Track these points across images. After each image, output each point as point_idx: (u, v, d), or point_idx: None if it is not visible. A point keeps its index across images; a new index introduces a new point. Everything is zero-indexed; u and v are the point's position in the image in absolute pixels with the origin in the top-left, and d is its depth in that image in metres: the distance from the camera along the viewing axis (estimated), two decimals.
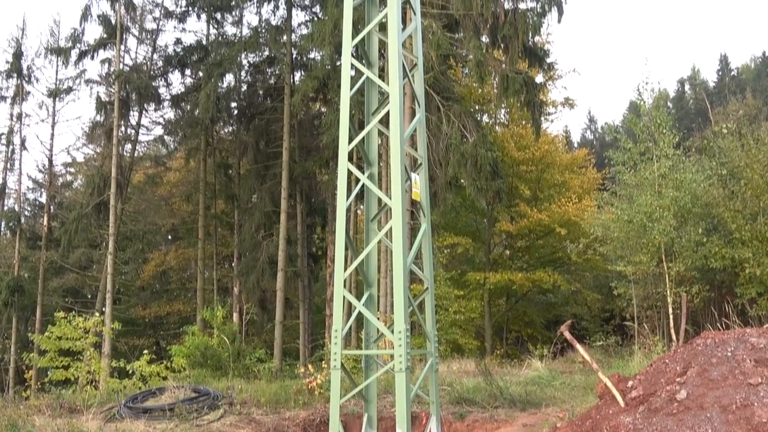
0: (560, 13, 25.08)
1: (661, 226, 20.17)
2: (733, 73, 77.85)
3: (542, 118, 30.59)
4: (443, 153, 25.13)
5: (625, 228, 21.36)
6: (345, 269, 8.63)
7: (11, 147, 38.94)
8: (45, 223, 38.61)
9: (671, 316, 20.37)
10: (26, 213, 44.45)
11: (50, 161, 40.19)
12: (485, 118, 36.38)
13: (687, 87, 79.38)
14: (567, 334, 9.41)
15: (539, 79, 31.77)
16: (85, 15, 34.50)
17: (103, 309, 31.13)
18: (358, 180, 9.11)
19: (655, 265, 21.08)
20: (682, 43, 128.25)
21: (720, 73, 78.45)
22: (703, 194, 21.16)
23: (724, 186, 21.18)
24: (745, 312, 20.28)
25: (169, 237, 47.03)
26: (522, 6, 25.30)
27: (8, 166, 39.35)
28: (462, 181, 26.23)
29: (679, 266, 20.45)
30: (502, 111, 36.41)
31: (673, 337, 19.26)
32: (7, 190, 40.08)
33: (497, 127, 36.23)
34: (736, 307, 19.80)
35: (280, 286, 31.43)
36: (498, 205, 31.05)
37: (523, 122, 34.03)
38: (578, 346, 9.53)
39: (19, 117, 38.66)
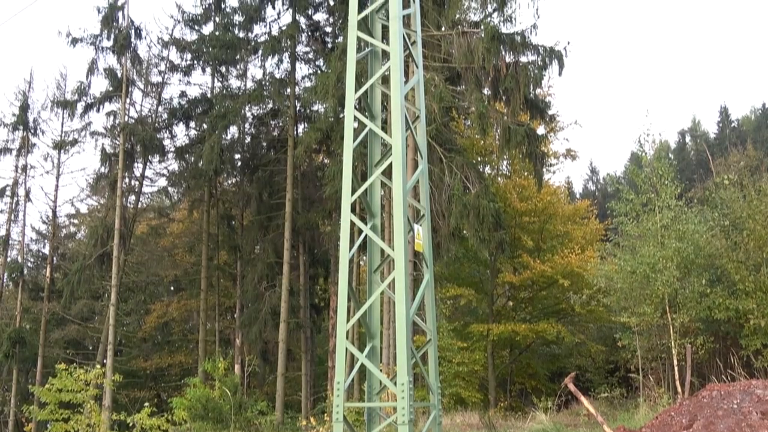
0: (561, 66, 25.30)
1: (664, 277, 20.13)
2: (733, 124, 78.35)
3: (544, 170, 30.63)
4: (446, 204, 25.18)
5: (629, 279, 21.31)
6: (347, 320, 8.60)
7: (15, 198, 39.18)
8: (47, 274, 38.61)
9: (676, 368, 20.21)
10: (29, 264, 44.43)
11: (54, 212, 40.40)
12: (487, 170, 36.51)
13: (688, 138, 79.87)
14: (571, 386, 9.36)
15: (541, 130, 31.97)
16: (92, 68, 34.97)
17: (105, 361, 30.98)
18: (361, 231, 9.14)
19: (659, 316, 20.96)
20: (683, 95, 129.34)
21: (720, 124, 78.99)
22: (705, 245, 21.14)
23: (726, 237, 21.16)
24: (750, 363, 20.12)
25: (172, 288, 46.89)
26: (523, 59, 25.53)
27: (12, 217, 39.52)
28: (465, 232, 26.23)
29: (683, 317, 20.33)
30: (504, 162, 36.58)
31: (679, 389, 19.10)
32: (10, 242, 40.20)
33: (499, 179, 36.33)
34: (741, 358, 19.70)
35: (283, 337, 31.24)
36: (501, 256, 31.00)
37: (525, 173, 34.12)
38: (583, 399, 9.47)
39: (24, 169, 39.03)
